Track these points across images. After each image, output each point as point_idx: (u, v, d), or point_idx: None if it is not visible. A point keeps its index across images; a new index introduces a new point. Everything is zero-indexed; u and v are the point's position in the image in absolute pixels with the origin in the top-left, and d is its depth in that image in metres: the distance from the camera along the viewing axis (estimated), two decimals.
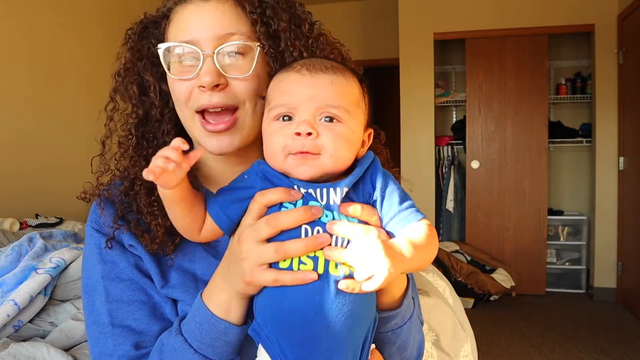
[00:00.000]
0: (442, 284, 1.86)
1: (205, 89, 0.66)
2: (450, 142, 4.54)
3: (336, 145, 0.56)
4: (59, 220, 2.46)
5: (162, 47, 0.69)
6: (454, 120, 4.79)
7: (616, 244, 3.99)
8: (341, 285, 0.53)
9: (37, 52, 2.78)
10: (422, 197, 4.33)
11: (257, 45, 0.66)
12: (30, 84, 2.74)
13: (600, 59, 3.99)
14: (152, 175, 0.53)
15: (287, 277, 0.55)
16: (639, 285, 3.61)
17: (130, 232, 0.71)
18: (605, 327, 3.43)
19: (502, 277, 3.93)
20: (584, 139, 4.26)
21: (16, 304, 1.20)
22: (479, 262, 4.07)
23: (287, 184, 0.56)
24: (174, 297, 0.71)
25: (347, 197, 0.57)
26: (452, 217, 4.51)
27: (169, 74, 0.69)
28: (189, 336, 0.63)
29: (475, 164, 4.30)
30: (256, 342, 0.59)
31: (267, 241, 0.56)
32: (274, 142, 0.58)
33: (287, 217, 0.55)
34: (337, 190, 0.56)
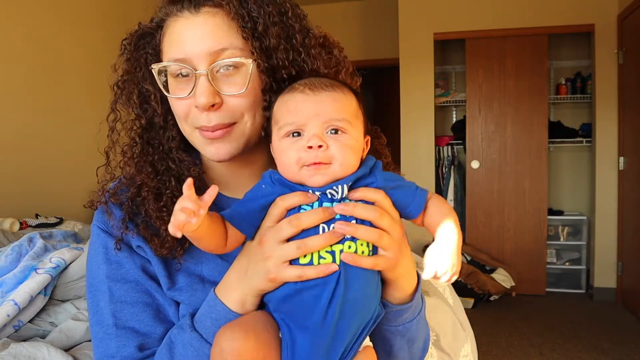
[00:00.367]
0: (442, 284, 1.86)
1: (201, 110, 0.67)
2: (450, 142, 4.54)
3: (344, 154, 0.62)
4: (59, 220, 2.46)
5: (155, 68, 0.69)
6: (454, 120, 4.80)
7: (616, 244, 3.99)
8: (343, 256, 0.59)
9: (37, 52, 2.78)
10: None
11: (251, 61, 0.66)
12: (30, 83, 2.74)
13: (600, 59, 3.99)
14: (178, 231, 0.56)
15: (311, 271, 0.59)
16: (639, 285, 3.61)
17: (139, 235, 0.71)
18: (605, 327, 3.43)
19: (502, 277, 3.93)
20: (584, 139, 4.26)
21: (16, 304, 1.20)
22: (479, 262, 4.08)
23: (304, 189, 0.62)
24: (179, 299, 0.72)
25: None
26: None
27: (165, 92, 0.70)
28: (204, 332, 0.65)
29: (475, 164, 4.30)
30: None
31: (287, 241, 0.61)
32: (287, 157, 0.62)
33: (308, 216, 0.60)
34: (344, 186, 0.62)
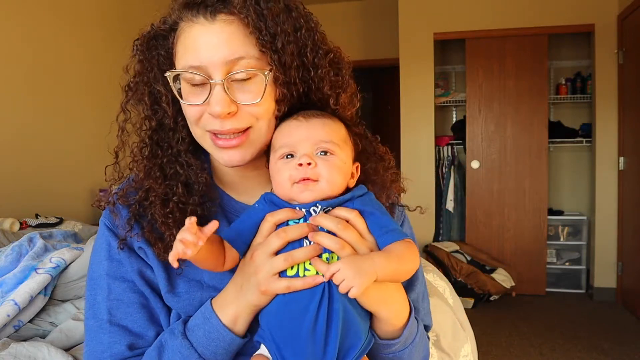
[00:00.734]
0: (442, 284, 1.86)
1: (216, 118, 0.67)
2: (450, 142, 4.53)
3: (331, 172, 0.67)
4: (59, 220, 2.46)
5: (170, 75, 0.69)
6: (454, 120, 4.79)
7: (616, 244, 3.99)
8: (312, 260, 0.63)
9: (37, 52, 2.78)
10: (422, 197, 4.33)
11: (267, 72, 0.66)
12: (30, 83, 2.74)
13: (600, 59, 3.99)
14: (175, 261, 0.58)
15: (298, 283, 0.62)
16: (639, 285, 3.61)
17: (143, 238, 0.72)
18: (605, 327, 3.43)
19: (502, 277, 3.93)
20: (584, 139, 4.26)
21: (16, 304, 1.20)
22: (479, 262, 4.07)
23: (292, 207, 0.67)
24: (174, 306, 0.72)
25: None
26: (452, 217, 4.51)
27: (179, 98, 0.70)
28: (194, 341, 0.67)
29: (475, 164, 4.30)
30: (258, 346, 0.68)
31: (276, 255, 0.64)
32: (281, 175, 0.68)
33: (294, 230, 0.64)
34: (328, 208, 0.67)
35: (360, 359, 0.66)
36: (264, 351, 0.66)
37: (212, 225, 0.59)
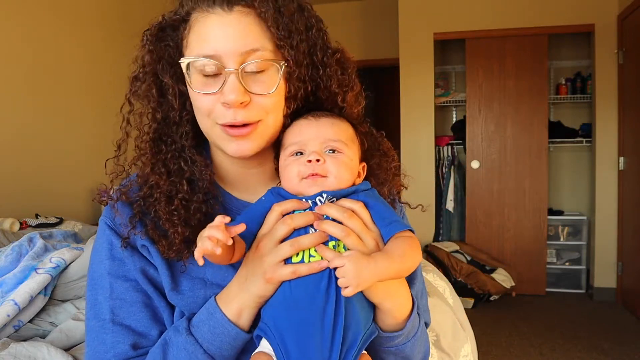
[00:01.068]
0: (442, 284, 1.86)
1: (229, 107, 0.67)
2: (450, 142, 4.54)
3: (339, 168, 0.69)
4: (59, 220, 2.46)
5: (184, 62, 0.68)
6: (454, 120, 4.79)
7: (616, 244, 3.99)
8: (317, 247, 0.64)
9: (37, 52, 2.78)
10: (422, 197, 4.32)
11: (282, 63, 0.67)
12: (30, 83, 2.74)
13: (600, 59, 3.99)
14: (201, 257, 0.59)
15: (303, 268, 0.63)
16: (639, 285, 3.61)
17: (147, 236, 0.71)
18: (605, 327, 3.43)
19: (502, 277, 3.93)
20: (584, 139, 4.26)
21: (16, 304, 1.20)
22: (479, 262, 4.07)
23: (299, 199, 0.68)
24: (178, 304, 0.72)
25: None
26: (452, 217, 4.51)
27: (190, 87, 0.69)
28: (199, 337, 0.67)
29: (475, 164, 4.30)
30: (258, 342, 0.67)
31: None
32: (290, 171, 0.70)
33: (300, 217, 0.65)
34: (332, 198, 0.68)
35: (364, 348, 0.66)
36: (264, 347, 0.66)
37: (240, 226, 0.62)
